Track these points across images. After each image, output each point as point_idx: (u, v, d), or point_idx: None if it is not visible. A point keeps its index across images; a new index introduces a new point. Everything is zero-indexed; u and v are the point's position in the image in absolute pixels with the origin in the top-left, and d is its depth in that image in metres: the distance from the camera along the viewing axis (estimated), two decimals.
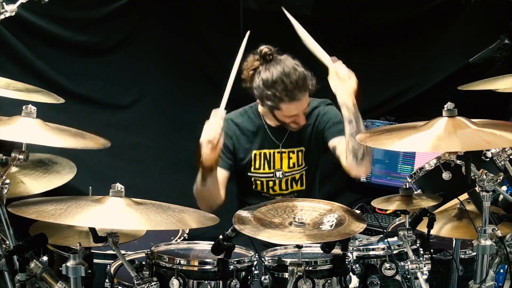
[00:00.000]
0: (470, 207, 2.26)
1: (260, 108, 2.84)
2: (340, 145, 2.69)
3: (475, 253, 2.09)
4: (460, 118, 1.95)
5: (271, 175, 2.82)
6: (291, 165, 2.83)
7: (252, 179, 2.82)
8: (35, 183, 2.18)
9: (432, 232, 2.17)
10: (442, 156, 2.03)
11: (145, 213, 1.82)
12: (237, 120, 2.83)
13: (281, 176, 2.82)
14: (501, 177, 2.02)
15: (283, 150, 2.82)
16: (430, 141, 1.90)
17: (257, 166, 2.81)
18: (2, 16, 2.11)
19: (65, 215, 1.73)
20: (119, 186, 1.87)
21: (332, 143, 2.77)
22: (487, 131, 1.91)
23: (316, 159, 2.90)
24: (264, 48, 2.68)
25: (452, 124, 1.93)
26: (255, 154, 2.80)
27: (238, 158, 2.80)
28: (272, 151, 2.82)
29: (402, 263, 2.11)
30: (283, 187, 2.84)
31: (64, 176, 2.26)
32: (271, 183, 2.82)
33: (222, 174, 2.73)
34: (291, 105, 2.64)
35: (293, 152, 2.83)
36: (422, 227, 2.16)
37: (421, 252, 2.15)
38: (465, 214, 2.29)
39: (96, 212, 1.79)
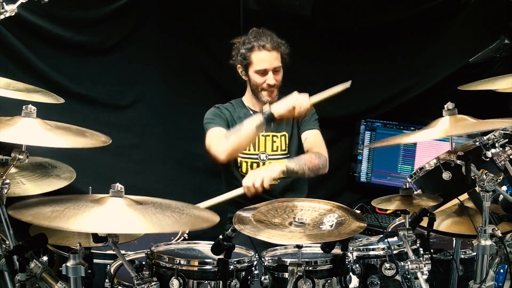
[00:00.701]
0: (470, 204, 2.26)
1: (244, 99, 3.10)
2: (308, 140, 3.00)
3: (475, 253, 2.09)
4: (460, 115, 1.98)
5: (256, 157, 2.98)
6: (274, 148, 3.01)
7: (239, 160, 2.97)
8: (33, 185, 2.18)
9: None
10: (442, 156, 2.03)
11: (143, 215, 1.81)
12: (226, 108, 3.06)
13: (264, 158, 2.98)
14: (501, 177, 2.02)
15: (267, 133, 2.99)
16: (439, 131, 2.01)
17: None
18: (2, 16, 2.10)
19: (61, 218, 1.71)
20: (119, 186, 1.87)
21: (305, 135, 3.04)
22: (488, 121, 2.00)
23: (297, 148, 3.05)
24: (253, 28, 3.01)
25: (455, 120, 1.99)
26: None
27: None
28: None
29: (402, 263, 2.11)
30: None
31: (63, 180, 2.25)
32: (255, 166, 2.97)
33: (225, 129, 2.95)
34: (261, 53, 2.89)
35: (277, 137, 3.02)
36: (424, 223, 2.17)
37: (421, 252, 2.15)
38: (465, 210, 2.30)
39: (93, 215, 1.76)
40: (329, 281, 2.06)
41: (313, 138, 3.04)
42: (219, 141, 2.84)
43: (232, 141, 2.77)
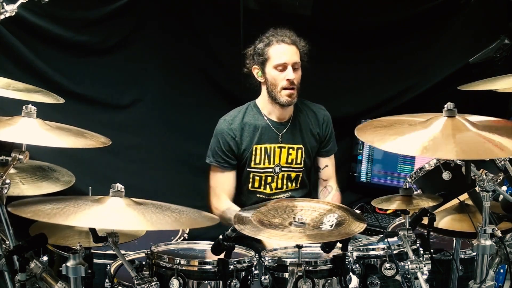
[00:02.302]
0: (470, 202, 2.26)
1: (259, 103, 2.95)
2: (328, 169, 2.99)
3: (475, 253, 2.09)
4: (459, 119, 1.93)
5: (271, 170, 2.89)
6: (289, 160, 2.91)
7: (251, 175, 2.88)
8: (32, 187, 2.18)
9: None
10: None
11: (142, 214, 1.82)
12: (239, 117, 2.92)
13: (278, 171, 2.89)
14: (501, 177, 2.02)
15: (283, 145, 2.89)
16: (425, 143, 1.83)
17: (257, 161, 2.88)
18: (2, 16, 2.10)
19: (61, 215, 1.73)
20: (119, 186, 1.88)
21: (325, 161, 3.00)
22: (486, 137, 1.84)
23: (311, 161, 2.99)
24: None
25: (451, 125, 1.89)
26: (255, 148, 2.87)
27: (242, 151, 2.87)
28: (272, 145, 2.89)
29: (402, 263, 2.11)
30: (279, 184, 2.91)
31: (62, 183, 2.25)
32: (269, 179, 2.89)
33: (232, 175, 2.90)
34: (280, 46, 2.78)
35: (293, 149, 2.91)
36: (424, 223, 2.16)
37: (421, 252, 2.15)
38: (466, 207, 2.30)
39: (92, 212, 1.79)
40: (329, 281, 2.06)
41: (331, 167, 3.03)
42: (219, 200, 2.86)
43: (227, 219, 2.71)
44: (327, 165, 3.01)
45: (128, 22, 3.68)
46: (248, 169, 2.89)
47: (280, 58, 2.79)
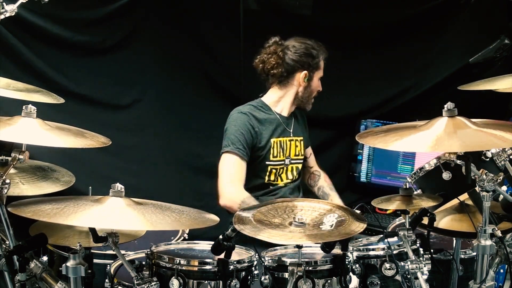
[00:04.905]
0: (470, 202, 2.26)
1: (268, 100, 3.03)
2: (312, 157, 3.20)
3: (475, 253, 2.09)
4: (460, 118, 1.96)
5: (282, 162, 2.99)
6: (297, 152, 3.05)
7: (268, 168, 2.94)
8: (32, 187, 2.18)
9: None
10: (442, 156, 2.03)
11: (142, 214, 1.82)
12: (254, 113, 2.96)
13: (288, 163, 3.00)
14: (501, 177, 2.02)
15: (293, 137, 3.03)
16: (430, 141, 1.91)
17: (275, 154, 2.96)
18: (2, 16, 2.11)
19: (61, 215, 1.74)
20: (119, 186, 1.88)
21: (309, 150, 3.18)
22: (487, 132, 1.92)
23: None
24: (274, 38, 2.99)
25: (452, 124, 1.94)
26: (274, 142, 2.95)
27: (259, 147, 2.92)
28: (285, 138, 3.01)
29: (402, 263, 2.11)
30: (289, 176, 3.02)
31: (62, 183, 2.25)
32: (281, 171, 2.99)
33: (245, 167, 2.87)
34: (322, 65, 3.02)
35: (298, 141, 3.06)
36: (424, 222, 2.17)
37: (421, 252, 2.15)
38: (466, 207, 2.30)
39: (92, 212, 1.79)
40: (329, 281, 2.06)
41: (313, 155, 3.23)
42: (237, 189, 2.81)
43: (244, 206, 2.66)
44: (311, 153, 3.22)
45: (128, 22, 3.69)
46: (267, 162, 2.93)
47: (321, 73, 3.05)
